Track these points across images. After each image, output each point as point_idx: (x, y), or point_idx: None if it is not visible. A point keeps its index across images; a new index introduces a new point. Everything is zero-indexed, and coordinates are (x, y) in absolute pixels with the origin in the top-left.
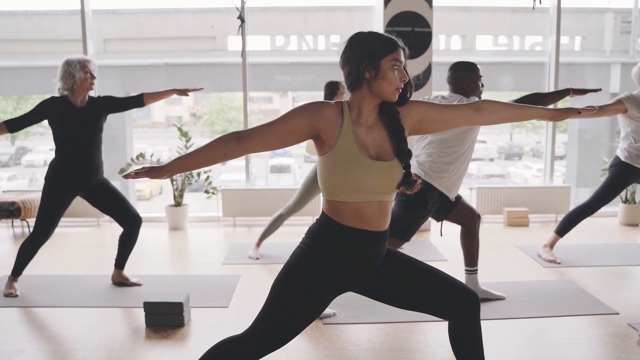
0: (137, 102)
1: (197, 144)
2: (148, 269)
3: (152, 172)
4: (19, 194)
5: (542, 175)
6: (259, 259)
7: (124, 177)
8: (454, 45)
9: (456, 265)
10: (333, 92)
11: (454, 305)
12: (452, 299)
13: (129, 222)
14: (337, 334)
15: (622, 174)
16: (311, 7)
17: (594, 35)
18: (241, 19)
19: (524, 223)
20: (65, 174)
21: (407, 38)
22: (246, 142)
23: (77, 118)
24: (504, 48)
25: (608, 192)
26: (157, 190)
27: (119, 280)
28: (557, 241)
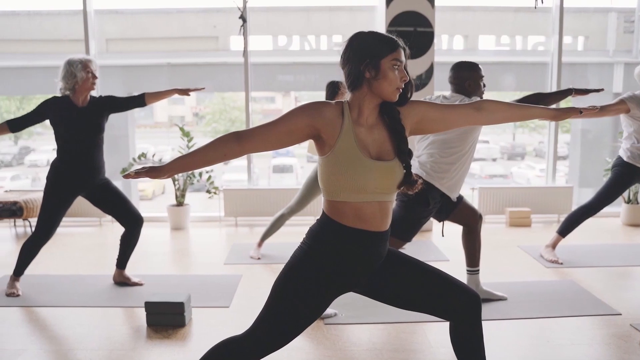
0: (139, 101)
1: (199, 143)
2: (149, 269)
3: (152, 172)
4: (21, 194)
5: (544, 175)
6: (260, 258)
7: (124, 177)
8: (457, 45)
9: (458, 265)
10: (334, 92)
11: (454, 306)
12: (453, 300)
13: (131, 222)
14: (338, 334)
15: (624, 174)
16: (313, 7)
17: (596, 35)
18: (243, 18)
19: (526, 223)
20: (66, 174)
21: (408, 38)
22: (246, 142)
23: (78, 118)
24: (506, 48)
25: (610, 193)
26: (159, 190)
27: (121, 280)
28: (560, 241)
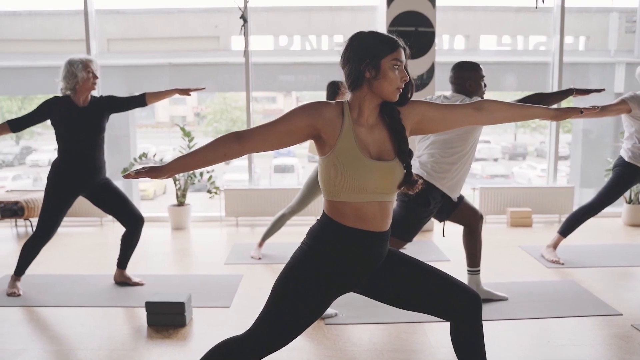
0: (139, 101)
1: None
2: (150, 269)
3: (152, 172)
4: (22, 194)
5: (546, 175)
6: (261, 258)
7: (125, 177)
8: (458, 45)
9: (459, 265)
10: (335, 92)
11: (455, 306)
12: (453, 300)
13: (131, 222)
14: (338, 334)
15: (626, 174)
16: (314, 7)
17: (598, 35)
18: (244, 18)
19: (527, 223)
20: (67, 174)
21: (409, 38)
22: (246, 142)
23: (79, 118)
24: (507, 48)
25: (612, 193)
26: (160, 190)
27: (121, 280)
28: (561, 242)
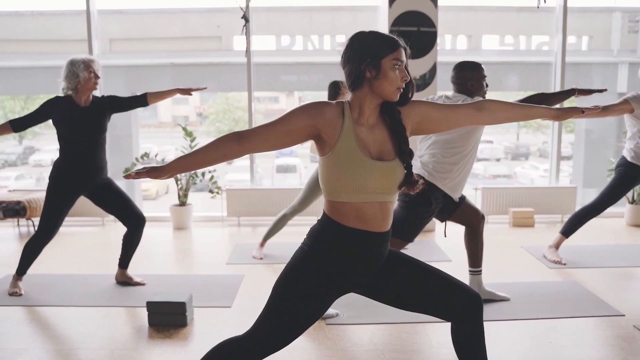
0: (141, 101)
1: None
2: (152, 269)
3: (152, 172)
4: (24, 193)
5: (548, 175)
6: (262, 258)
7: (125, 177)
8: (460, 45)
9: (461, 265)
10: (336, 92)
11: (455, 307)
12: (454, 300)
13: (133, 221)
14: (339, 334)
15: (628, 175)
16: (316, 6)
17: (601, 35)
18: (245, 18)
19: (530, 223)
20: (69, 174)
21: (409, 38)
22: (246, 142)
23: (81, 118)
24: (510, 48)
25: (614, 193)
26: (163, 190)
27: (123, 280)
28: (563, 242)
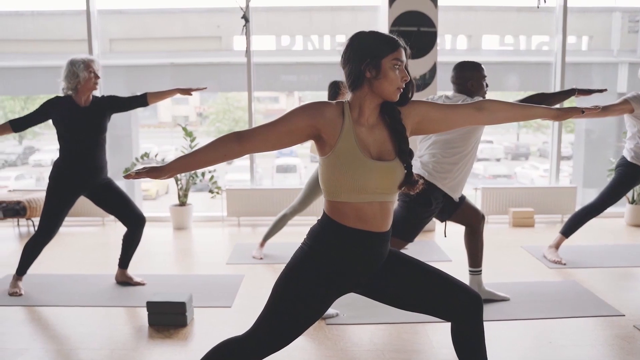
0: (141, 101)
1: (202, 143)
2: (152, 269)
3: (152, 172)
4: (24, 193)
5: (548, 175)
6: (262, 258)
7: (125, 177)
8: (460, 45)
9: (461, 265)
10: (336, 92)
11: (455, 307)
12: (453, 300)
13: (133, 221)
14: (340, 334)
15: (628, 175)
16: (316, 7)
17: (601, 35)
18: (245, 18)
19: (530, 223)
20: (69, 174)
21: (409, 38)
22: (246, 142)
23: (80, 118)
24: (510, 48)
25: (614, 193)
26: (163, 190)
27: (123, 280)
28: (563, 242)
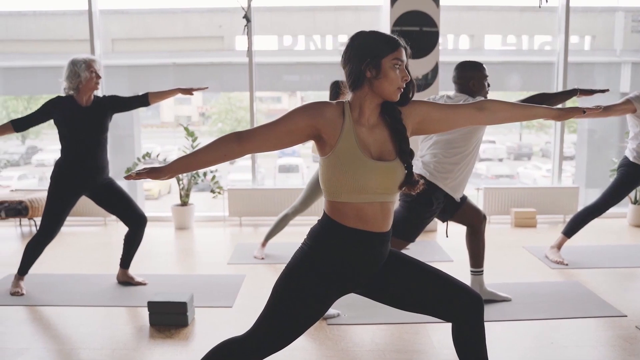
0: (142, 101)
1: (204, 143)
2: (153, 269)
3: (153, 172)
4: (26, 193)
5: (551, 175)
6: (264, 258)
7: (126, 178)
8: (462, 45)
9: (462, 266)
10: (337, 92)
11: (456, 307)
12: (454, 301)
13: (134, 221)
14: (340, 334)
15: (630, 175)
16: (318, 6)
17: (603, 35)
18: (247, 18)
19: (532, 224)
20: (70, 174)
21: (410, 37)
22: (247, 142)
23: (82, 117)
24: (512, 47)
25: (616, 193)
26: (165, 190)
27: (124, 280)
28: (565, 242)
